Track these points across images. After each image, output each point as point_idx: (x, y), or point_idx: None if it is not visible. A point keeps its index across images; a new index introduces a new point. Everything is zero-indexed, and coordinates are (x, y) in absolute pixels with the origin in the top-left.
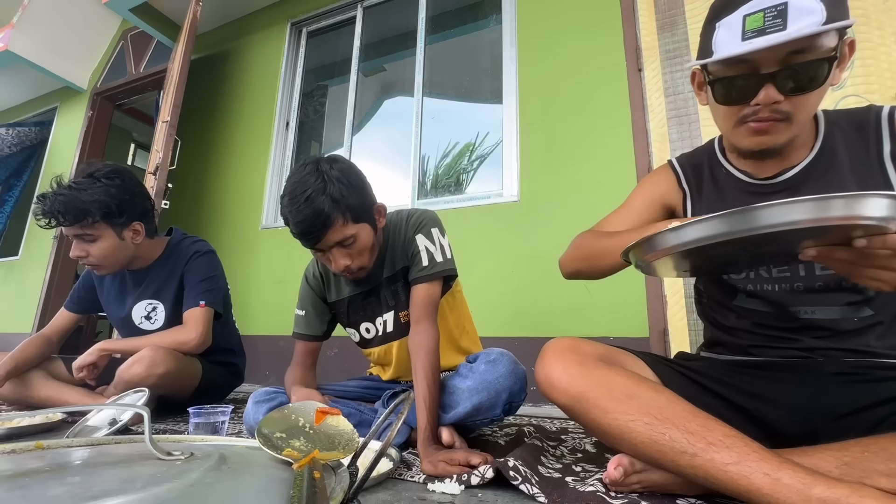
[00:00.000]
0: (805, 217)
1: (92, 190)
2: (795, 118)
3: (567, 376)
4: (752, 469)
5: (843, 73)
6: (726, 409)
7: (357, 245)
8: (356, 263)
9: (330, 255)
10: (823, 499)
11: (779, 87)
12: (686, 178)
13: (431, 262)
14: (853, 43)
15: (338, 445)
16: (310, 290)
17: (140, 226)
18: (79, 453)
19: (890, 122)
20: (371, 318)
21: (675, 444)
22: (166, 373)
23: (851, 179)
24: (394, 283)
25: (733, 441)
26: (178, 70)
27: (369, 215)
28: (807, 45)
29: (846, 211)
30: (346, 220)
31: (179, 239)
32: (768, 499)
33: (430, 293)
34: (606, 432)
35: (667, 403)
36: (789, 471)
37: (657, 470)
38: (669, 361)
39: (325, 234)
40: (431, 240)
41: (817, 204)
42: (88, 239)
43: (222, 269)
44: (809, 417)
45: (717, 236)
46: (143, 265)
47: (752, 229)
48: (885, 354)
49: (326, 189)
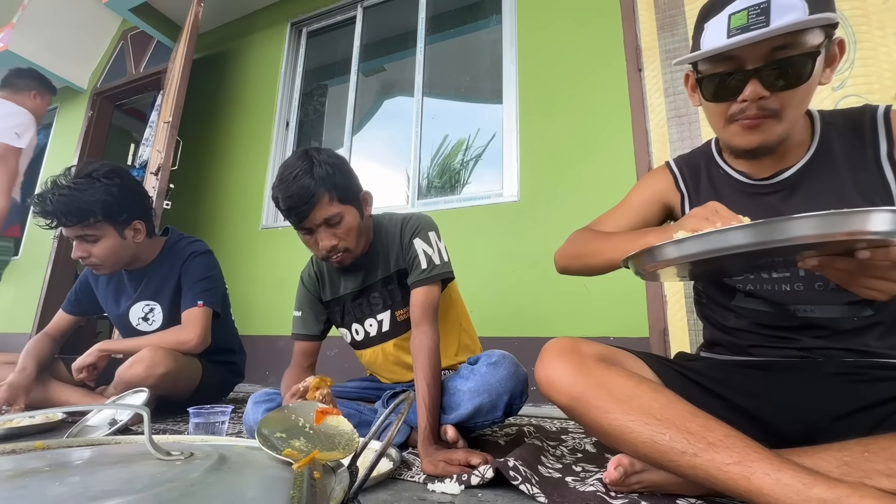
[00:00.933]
0: (812, 233)
1: (93, 190)
2: (784, 114)
3: (567, 377)
4: (752, 469)
5: (833, 73)
6: (726, 409)
7: (343, 225)
8: (342, 244)
9: (317, 237)
10: (823, 499)
11: (764, 83)
12: (684, 179)
13: (430, 266)
14: (843, 43)
15: (338, 445)
16: (305, 291)
17: (141, 224)
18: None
19: (886, 122)
20: (364, 318)
21: (675, 445)
22: (166, 373)
23: (848, 180)
24: (389, 283)
25: (734, 441)
26: (179, 71)
27: (356, 199)
28: (790, 41)
29: (851, 227)
30: (332, 199)
31: (176, 239)
32: (768, 499)
33: (430, 296)
34: (607, 432)
35: (667, 403)
36: (790, 471)
37: (657, 470)
38: (669, 362)
39: (311, 210)
40: (429, 243)
41: (823, 220)
42: (90, 239)
43: (220, 269)
44: (809, 417)
45: (722, 250)
46: (140, 265)
47: (758, 244)
48: (884, 354)
49: (314, 169)
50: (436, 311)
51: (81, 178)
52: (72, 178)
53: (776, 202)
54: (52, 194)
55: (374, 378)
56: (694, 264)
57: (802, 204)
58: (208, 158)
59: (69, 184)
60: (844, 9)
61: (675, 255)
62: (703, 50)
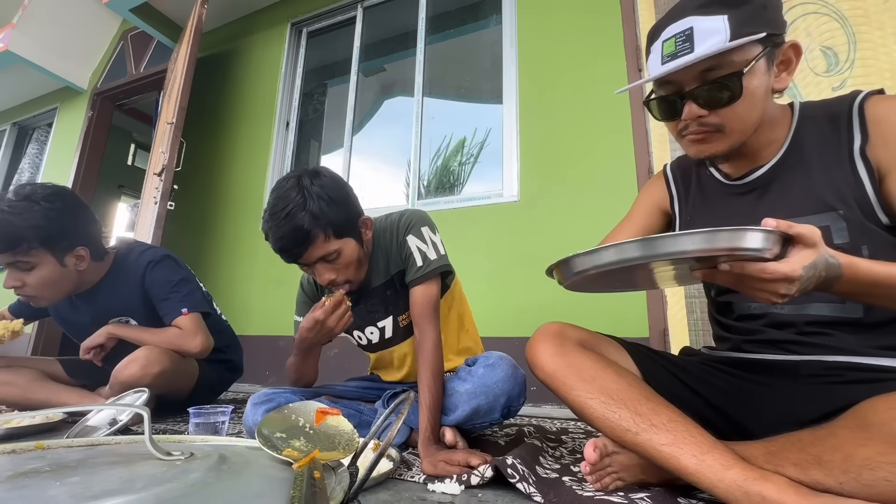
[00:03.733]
0: (675, 249)
1: (28, 213)
2: (728, 128)
3: (545, 356)
4: (682, 451)
5: (791, 75)
6: (703, 405)
7: (342, 260)
8: (342, 277)
9: (315, 270)
10: (735, 479)
11: (699, 103)
12: (675, 181)
13: (426, 262)
14: (796, 46)
15: (338, 445)
16: (305, 297)
17: (84, 251)
18: (79, 453)
19: (860, 114)
20: (365, 325)
21: (622, 423)
22: (161, 372)
23: (820, 176)
24: (389, 288)
25: (675, 426)
26: (182, 72)
27: (354, 229)
28: (716, 62)
29: (701, 245)
30: (328, 237)
31: (126, 251)
32: (692, 477)
33: (429, 293)
34: (571, 405)
35: (626, 387)
36: (715, 454)
37: (627, 452)
38: (659, 357)
39: (305, 250)
40: (423, 239)
41: (685, 238)
42: (24, 267)
43: (187, 270)
44: (777, 423)
45: (613, 263)
46: (87, 288)
47: (635, 259)
48: (863, 353)
49: (307, 205)
50: (436, 308)
51: (19, 201)
52: (7, 201)
53: (752, 201)
54: None
55: (375, 377)
56: (602, 279)
57: (774, 202)
58: (208, 159)
59: (3, 207)
60: (844, 9)
61: (579, 267)
62: (643, 78)
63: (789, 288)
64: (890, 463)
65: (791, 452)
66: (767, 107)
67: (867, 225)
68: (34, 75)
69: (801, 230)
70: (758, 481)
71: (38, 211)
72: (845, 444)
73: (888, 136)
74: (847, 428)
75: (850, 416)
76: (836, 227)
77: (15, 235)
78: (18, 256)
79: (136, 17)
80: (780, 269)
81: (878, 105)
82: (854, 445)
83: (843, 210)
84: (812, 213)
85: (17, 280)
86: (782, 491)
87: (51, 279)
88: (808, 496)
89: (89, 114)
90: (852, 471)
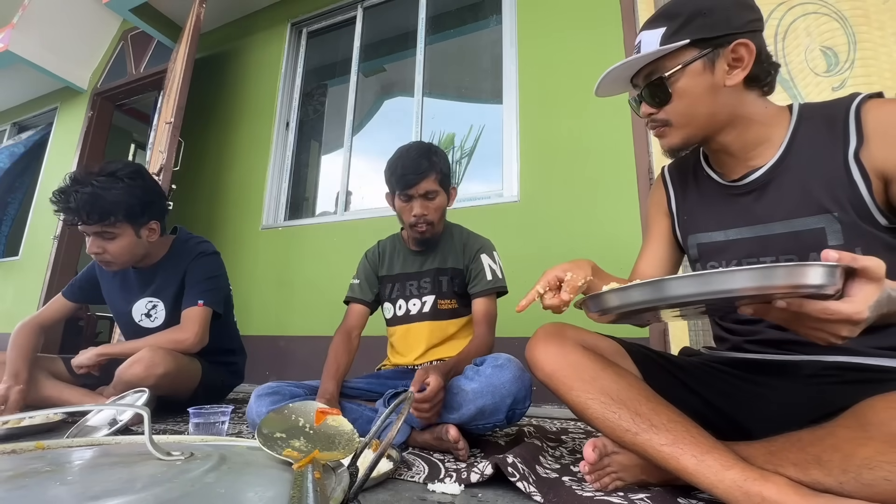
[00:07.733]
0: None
1: (116, 190)
2: (675, 122)
3: (544, 356)
4: (682, 451)
5: (744, 72)
6: (703, 405)
7: (435, 202)
8: (430, 216)
9: (413, 204)
10: (735, 479)
11: (647, 102)
12: (672, 182)
13: (494, 279)
14: (747, 44)
15: (338, 445)
16: (367, 264)
17: (156, 224)
18: (79, 453)
19: (857, 118)
20: (410, 298)
21: (622, 423)
22: (165, 373)
23: (816, 179)
24: (442, 275)
25: (675, 426)
26: (181, 72)
27: (448, 188)
28: (652, 67)
29: (757, 282)
30: (436, 178)
31: (185, 238)
32: (692, 477)
33: (491, 305)
34: (570, 406)
35: (626, 387)
36: (715, 454)
37: (626, 452)
38: (659, 357)
39: (420, 180)
40: (493, 260)
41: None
42: (108, 237)
43: (225, 272)
44: (777, 423)
45: (664, 300)
46: (149, 263)
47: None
48: (863, 353)
49: (430, 152)
50: (495, 319)
51: (105, 177)
52: (94, 177)
53: (749, 203)
54: (75, 192)
55: (383, 374)
56: (637, 313)
57: (771, 204)
58: (208, 158)
59: (92, 181)
60: (844, 9)
61: (615, 303)
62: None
63: (852, 330)
64: (889, 462)
65: (791, 452)
66: (726, 102)
67: (862, 226)
68: (34, 75)
69: (867, 263)
70: (758, 481)
71: (123, 187)
72: (845, 444)
73: (889, 141)
74: (846, 427)
75: (850, 416)
76: (831, 228)
77: (105, 209)
78: (105, 227)
79: (135, 17)
80: (844, 310)
81: (875, 109)
82: (853, 445)
83: (838, 212)
84: (807, 214)
85: (98, 247)
86: (782, 491)
87: (128, 248)
88: (807, 496)
89: (89, 114)
90: (852, 470)
